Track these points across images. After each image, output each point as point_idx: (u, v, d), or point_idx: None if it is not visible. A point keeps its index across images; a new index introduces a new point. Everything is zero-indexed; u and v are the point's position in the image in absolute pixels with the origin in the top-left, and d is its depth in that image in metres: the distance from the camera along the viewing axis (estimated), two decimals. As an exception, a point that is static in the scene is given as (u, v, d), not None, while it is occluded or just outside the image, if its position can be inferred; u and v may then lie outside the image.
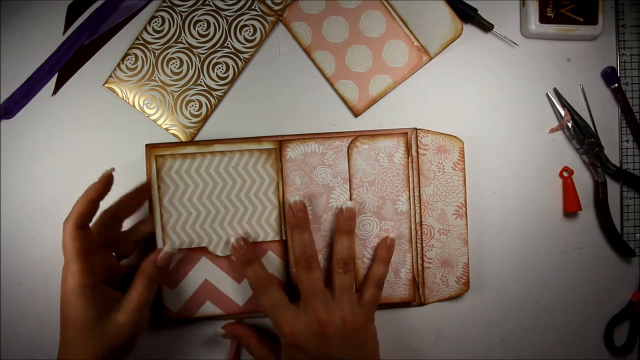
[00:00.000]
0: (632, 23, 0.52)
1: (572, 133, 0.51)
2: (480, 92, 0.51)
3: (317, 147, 0.48)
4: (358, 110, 0.50)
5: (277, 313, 0.44)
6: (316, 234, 0.49)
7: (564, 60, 0.52)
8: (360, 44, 0.50)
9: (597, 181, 0.52)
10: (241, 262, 0.45)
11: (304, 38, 0.50)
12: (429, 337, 0.52)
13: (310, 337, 0.43)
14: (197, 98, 0.49)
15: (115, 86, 0.49)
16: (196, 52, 0.49)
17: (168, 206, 0.48)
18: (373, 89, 0.50)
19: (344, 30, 0.50)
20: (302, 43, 0.50)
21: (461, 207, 0.49)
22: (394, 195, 0.49)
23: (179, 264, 0.48)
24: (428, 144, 0.49)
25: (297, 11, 0.49)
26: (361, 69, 0.50)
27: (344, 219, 0.46)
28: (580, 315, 0.53)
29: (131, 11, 0.49)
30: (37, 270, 0.49)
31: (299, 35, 0.49)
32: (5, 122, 0.49)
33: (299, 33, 0.49)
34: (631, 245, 0.52)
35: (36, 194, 0.49)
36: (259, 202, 0.48)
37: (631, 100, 0.52)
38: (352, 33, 0.50)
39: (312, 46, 0.50)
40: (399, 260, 0.49)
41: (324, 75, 0.50)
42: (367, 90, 0.50)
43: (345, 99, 0.50)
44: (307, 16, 0.49)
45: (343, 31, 0.50)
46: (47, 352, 0.49)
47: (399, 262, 0.49)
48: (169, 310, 0.48)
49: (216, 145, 0.48)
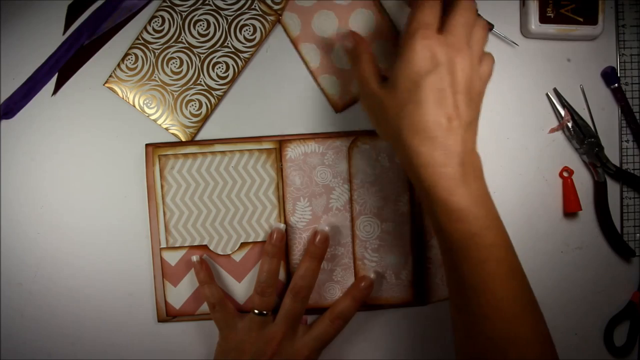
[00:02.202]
0: (632, 23, 0.52)
1: (572, 133, 0.51)
2: (481, 92, 0.51)
3: (317, 147, 0.48)
4: (338, 106, 0.50)
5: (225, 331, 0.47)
6: (316, 234, 0.49)
7: (564, 60, 0.52)
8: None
9: (597, 181, 0.52)
10: (199, 279, 0.47)
11: (294, 29, 0.49)
12: (429, 337, 0.52)
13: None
14: (197, 98, 0.49)
15: (115, 86, 0.49)
16: (196, 51, 0.48)
17: (170, 204, 0.48)
18: (356, 86, 0.49)
19: (333, 26, 0.49)
20: (291, 34, 0.49)
21: (461, 208, 0.49)
22: (395, 196, 0.49)
23: (180, 261, 0.48)
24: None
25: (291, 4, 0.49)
26: (346, 65, 0.49)
27: (315, 245, 0.46)
28: (580, 315, 0.53)
29: (131, 11, 0.49)
30: (37, 270, 0.49)
31: (288, 25, 0.49)
32: (5, 122, 0.49)
33: (288, 24, 0.49)
34: (631, 245, 0.52)
35: (36, 194, 0.49)
36: (259, 202, 0.48)
37: (631, 100, 0.52)
38: (340, 30, 0.49)
39: (299, 38, 0.49)
40: (399, 262, 0.49)
41: (308, 67, 0.49)
42: (349, 87, 0.49)
43: (327, 94, 0.50)
44: (297, 7, 0.49)
45: (332, 27, 0.49)
46: (47, 352, 0.50)
47: (399, 263, 0.49)
48: (171, 307, 0.48)
49: (217, 145, 0.48)
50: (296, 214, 0.49)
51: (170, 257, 0.48)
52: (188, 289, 0.49)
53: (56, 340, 0.50)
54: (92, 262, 0.49)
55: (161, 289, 0.48)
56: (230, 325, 0.46)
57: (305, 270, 0.46)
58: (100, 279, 0.49)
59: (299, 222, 0.49)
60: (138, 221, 0.49)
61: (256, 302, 0.46)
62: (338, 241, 0.49)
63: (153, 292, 0.49)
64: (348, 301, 0.47)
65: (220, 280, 0.49)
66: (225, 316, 0.47)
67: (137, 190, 0.49)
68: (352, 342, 0.51)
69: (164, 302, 0.48)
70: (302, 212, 0.49)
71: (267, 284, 0.46)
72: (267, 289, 0.46)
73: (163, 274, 0.48)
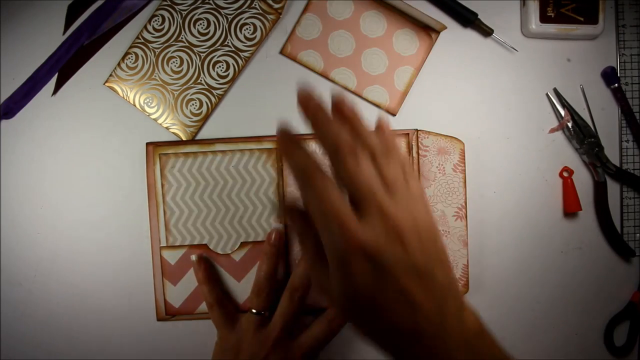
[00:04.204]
0: (632, 23, 0.52)
1: (572, 133, 0.51)
2: (480, 92, 0.51)
3: (318, 147, 0.48)
4: (394, 109, 0.50)
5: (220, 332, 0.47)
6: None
7: (564, 60, 0.52)
8: (370, 47, 0.50)
9: (597, 181, 0.52)
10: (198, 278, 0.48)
11: (316, 64, 0.49)
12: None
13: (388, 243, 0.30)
14: (198, 97, 0.49)
15: (115, 85, 0.49)
16: (196, 50, 0.48)
17: (170, 203, 0.48)
18: (399, 83, 0.50)
19: (350, 41, 0.49)
20: (316, 69, 0.50)
21: (461, 209, 0.49)
22: None
23: (180, 261, 0.48)
24: (429, 146, 0.49)
25: (298, 42, 0.49)
26: (380, 70, 0.50)
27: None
28: (580, 315, 0.53)
29: (131, 11, 0.49)
30: (37, 270, 0.49)
31: (310, 63, 0.49)
32: (5, 122, 0.49)
33: (309, 61, 0.49)
34: (631, 245, 0.52)
35: (36, 194, 0.49)
36: (259, 202, 0.48)
37: (631, 100, 0.52)
38: (358, 41, 0.49)
39: (326, 69, 0.50)
40: None
41: (349, 90, 0.50)
42: (394, 87, 0.50)
43: (379, 104, 0.50)
44: (309, 43, 0.49)
45: (349, 42, 0.49)
46: (47, 352, 0.49)
47: None
48: (171, 306, 0.48)
49: (217, 145, 0.48)
50: (296, 214, 0.49)
51: (170, 256, 0.48)
52: (188, 288, 0.49)
53: (56, 340, 0.50)
54: (92, 261, 0.49)
55: (161, 287, 0.48)
56: (228, 324, 0.46)
57: (302, 270, 0.46)
58: (100, 278, 0.49)
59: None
60: (138, 220, 0.49)
61: (254, 302, 0.46)
62: None
63: (153, 291, 0.49)
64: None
65: (219, 279, 0.49)
66: (223, 316, 0.47)
67: (138, 189, 0.49)
68: (352, 342, 0.51)
69: (163, 301, 0.48)
70: (302, 212, 0.49)
71: (265, 284, 0.46)
72: (264, 289, 0.46)
73: (163, 272, 0.48)
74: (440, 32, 0.50)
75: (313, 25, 0.49)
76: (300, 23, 0.49)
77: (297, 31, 0.49)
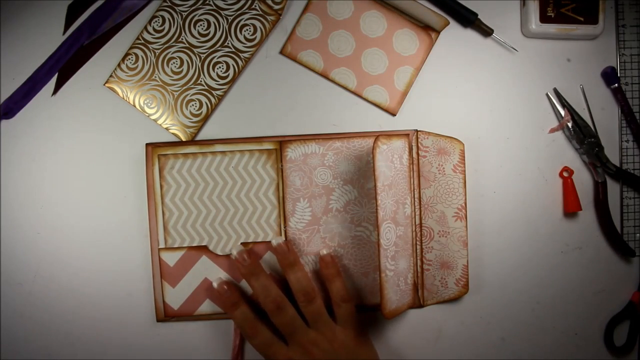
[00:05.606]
0: (632, 23, 0.52)
1: (572, 133, 0.51)
2: (480, 92, 0.51)
3: (318, 148, 0.48)
4: (394, 109, 0.50)
5: (271, 350, 0.46)
6: (315, 235, 0.49)
7: (564, 60, 0.52)
8: (370, 47, 0.50)
9: (597, 181, 0.52)
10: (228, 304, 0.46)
11: (316, 64, 0.49)
12: (428, 338, 0.52)
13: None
14: (198, 97, 0.49)
15: (115, 86, 0.49)
16: (196, 51, 0.48)
17: (170, 204, 0.48)
18: (399, 83, 0.50)
19: (350, 41, 0.49)
20: (316, 69, 0.49)
21: (461, 210, 0.49)
22: (403, 199, 0.47)
23: (179, 262, 0.48)
24: (429, 146, 0.49)
25: (298, 42, 0.49)
26: (380, 70, 0.50)
27: (280, 256, 0.47)
28: (580, 315, 0.53)
29: (131, 11, 0.49)
30: (37, 270, 0.49)
31: (310, 63, 0.49)
32: (5, 122, 0.49)
33: (309, 61, 0.49)
34: (631, 245, 0.52)
35: (36, 194, 0.49)
36: (259, 203, 0.48)
37: (631, 100, 0.52)
38: (358, 41, 0.49)
39: (326, 69, 0.50)
40: (407, 266, 0.48)
41: (349, 90, 0.50)
42: (394, 87, 0.50)
43: (379, 104, 0.50)
44: (309, 43, 0.49)
45: (349, 42, 0.49)
46: (47, 352, 0.50)
47: (407, 268, 0.48)
48: (170, 308, 0.48)
49: (217, 145, 0.48)
50: (296, 215, 0.49)
51: (169, 258, 0.48)
52: (186, 290, 0.48)
53: (56, 340, 0.50)
54: (92, 262, 0.49)
55: (159, 289, 0.48)
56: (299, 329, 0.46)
57: (294, 279, 0.46)
58: (99, 279, 0.49)
59: (298, 223, 0.49)
60: (137, 221, 0.49)
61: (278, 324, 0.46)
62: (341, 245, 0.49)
63: (152, 293, 0.49)
64: (335, 281, 0.47)
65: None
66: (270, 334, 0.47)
67: (137, 190, 0.49)
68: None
69: (162, 303, 0.48)
70: (302, 213, 0.49)
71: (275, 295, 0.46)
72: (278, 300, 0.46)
73: (161, 274, 0.48)
74: (440, 32, 0.50)
75: (313, 25, 0.49)
76: (300, 23, 0.49)
77: (297, 31, 0.49)
